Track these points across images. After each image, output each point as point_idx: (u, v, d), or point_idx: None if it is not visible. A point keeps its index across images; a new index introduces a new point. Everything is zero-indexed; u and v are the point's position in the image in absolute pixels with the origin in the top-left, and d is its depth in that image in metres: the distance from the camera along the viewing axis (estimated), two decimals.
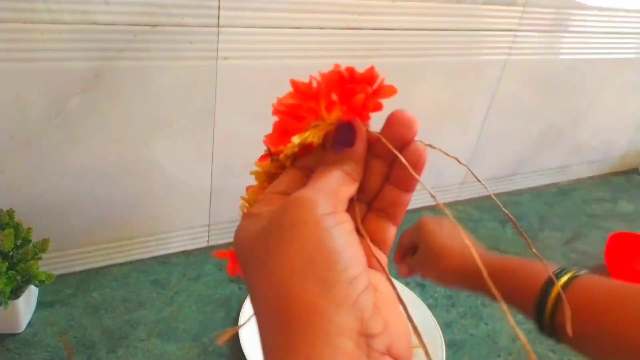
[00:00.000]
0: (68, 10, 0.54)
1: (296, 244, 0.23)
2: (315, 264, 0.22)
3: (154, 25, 0.59)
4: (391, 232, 0.28)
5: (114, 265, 0.74)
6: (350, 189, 0.26)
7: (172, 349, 0.63)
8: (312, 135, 0.27)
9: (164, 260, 0.76)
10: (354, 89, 0.27)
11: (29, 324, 0.63)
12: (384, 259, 0.28)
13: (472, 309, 0.76)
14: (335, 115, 0.27)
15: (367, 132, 0.27)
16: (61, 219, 0.67)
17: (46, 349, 0.60)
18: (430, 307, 0.71)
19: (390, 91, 0.27)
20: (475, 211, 1.01)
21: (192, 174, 0.72)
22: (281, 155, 0.28)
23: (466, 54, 0.84)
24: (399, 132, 0.26)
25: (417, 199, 0.97)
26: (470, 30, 0.82)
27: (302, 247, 0.22)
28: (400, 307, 0.25)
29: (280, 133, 0.29)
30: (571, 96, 1.05)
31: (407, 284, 0.76)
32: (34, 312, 0.64)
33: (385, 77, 0.27)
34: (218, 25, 0.63)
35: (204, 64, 0.64)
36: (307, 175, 0.27)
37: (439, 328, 0.67)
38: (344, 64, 0.28)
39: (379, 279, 0.26)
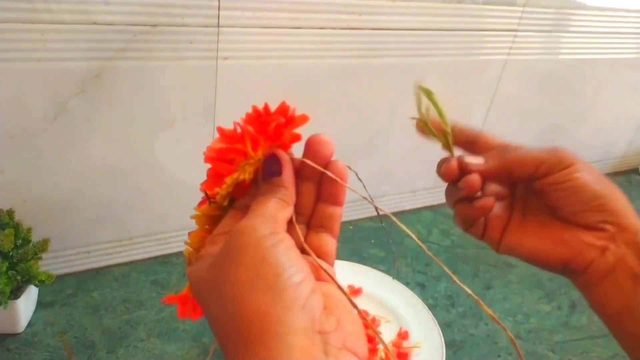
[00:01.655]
0: (68, 10, 0.54)
1: (243, 264, 0.25)
2: (261, 277, 0.24)
3: (154, 25, 0.59)
4: (332, 244, 0.31)
5: (114, 265, 0.74)
6: (286, 212, 0.29)
7: (172, 349, 0.63)
8: (242, 173, 0.30)
9: (164, 260, 0.76)
10: (268, 122, 0.30)
11: (29, 324, 0.63)
12: (331, 269, 0.30)
13: (472, 309, 0.76)
14: (260, 152, 0.30)
15: (292, 159, 0.30)
16: (61, 219, 0.67)
17: (46, 349, 0.60)
18: (430, 307, 0.71)
19: (302, 120, 0.30)
20: None
21: (192, 174, 0.71)
22: (217, 197, 0.31)
23: (466, 54, 0.84)
24: (319, 152, 0.30)
25: (418, 199, 0.97)
26: (470, 30, 0.82)
27: (248, 265, 0.25)
28: (349, 304, 0.27)
29: (215, 177, 0.31)
30: (571, 96, 1.05)
31: (407, 284, 0.76)
32: (34, 312, 0.64)
33: (296, 108, 0.30)
34: (218, 25, 0.63)
35: (204, 64, 0.64)
36: (247, 213, 0.29)
37: (439, 328, 0.67)
38: (344, 64, 0.29)
39: (329, 288, 0.28)
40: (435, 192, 0.98)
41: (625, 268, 0.36)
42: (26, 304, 0.61)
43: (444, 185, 0.41)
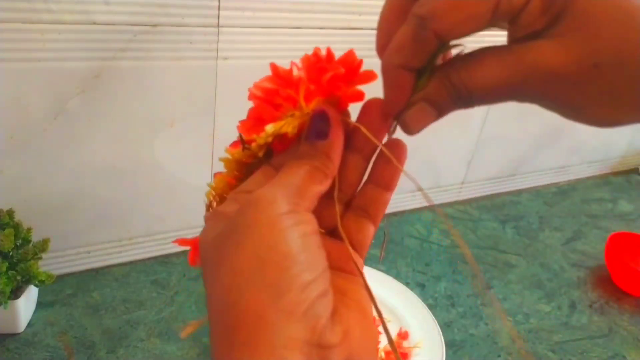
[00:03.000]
0: (68, 10, 0.54)
1: (248, 247, 0.21)
2: (265, 269, 0.20)
3: (154, 25, 0.59)
4: (370, 232, 0.27)
5: (114, 265, 0.74)
6: (320, 186, 0.24)
7: (172, 349, 0.63)
8: (286, 125, 0.25)
9: (164, 260, 0.76)
10: (326, 70, 0.25)
11: (29, 324, 0.63)
12: (360, 262, 0.26)
13: (472, 309, 0.76)
14: (314, 105, 0.25)
15: (345, 121, 0.25)
16: (61, 219, 0.67)
17: (46, 349, 0.60)
18: (430, 307, 0.71)
19: (369, 77, 0.25)
20: (475, 211, 1.01)
21: (192, 174, 0.71)
22: (253, 145, 0.26)
23: None
24: (376, 122, 0.25)
25: (418, 199, 0.97)
26: None
27: (253, 251, 0.21)
28: (375, 313, 0.23)
29: (255, 120, 0.27)
30: None
31: (407, 284, 0.76)
32: (34, 312, 0.64)
33: (363, 61, 0.26)
34: (218, 25, 0.63)
35: (204, 64, 0.64)
36: None
37: (439, 328, 0.67)
38: None
39: (350, 285, 0.24)
40: (435, 192, 0.98)
41: None
42: (26, 304, 0.61)
43: (443, 185, 0.41)
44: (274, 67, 0.27)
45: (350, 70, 0.25)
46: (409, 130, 0.25)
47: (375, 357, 0.23)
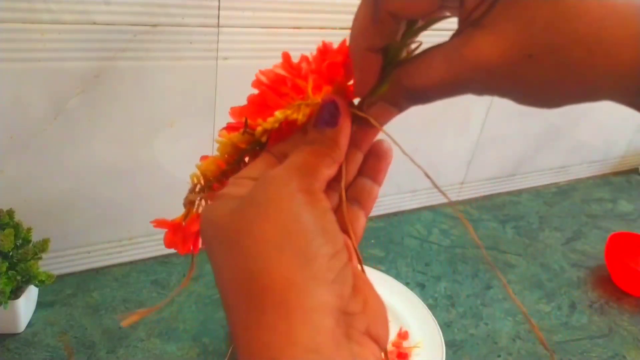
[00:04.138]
0: (68, 10, 0.54)
1: (272, 218, 0.22)
2: (292, 238, 0.21)
3: (154, 25, 0.59)
4: (363, 222, 0.28)
5: (114, 265, 0.74)
6: (330, 171, 0.25)
7: (172, 349, 0.63)
8: (296, 112, 0.26)
9: (164, 260, 0.76)
10: (324, 58, 0.26)
11: (29, 324, 0.63)
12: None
13: (472, 309, 0.76)
14: (323, 95, 0.26)
15: (354, 112, 0.27)
16: (61, 219, 0.67)
17: (46, 349, 0.60)
18: (430, 307, 0.71)
19: None
20: (475, 211, 1.01)
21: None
22: (258, 129, 0.27)
23: None
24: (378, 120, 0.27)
25: (418, 199, 0.97)
26: None
27: (278, 221, 0.22)
28: (374, 288, 0.25)
29: (258, 106, 0.28)
30: None
31: (407, 284, 0.76)
32: (34, 312, 0.64)
33: None
34: (218, 25, 0.63)
35: (204, 64, 0.64)
36: (282, 162, 0.26)
37: (439, 328, 0.67)
38: None
39: (355, 268, 0.25)
40: (435, 192, 0.98)
41: None
42: (26, 304, 0.61)
43: (443, 185, 0.41)
44: (286, 56, 0.28)
45: (347, 56, 0.26)
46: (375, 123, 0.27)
47: (388, 330, 0.24)
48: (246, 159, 0.29)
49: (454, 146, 0.95)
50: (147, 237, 0.74)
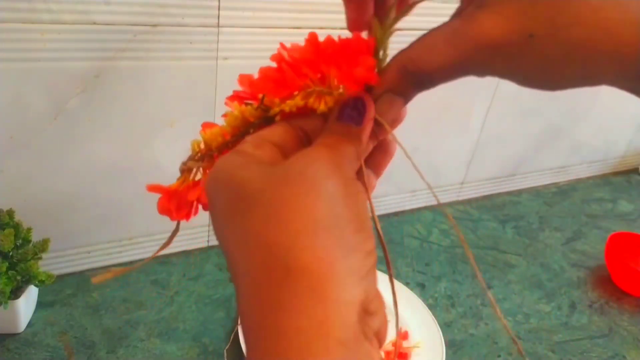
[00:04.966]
0: (68, 10, 0.54)
1: (323, 198, 0.21)
2: (341, 225, 0.21)
3: (154, 25, 0.59)
4: None
5: (114, 265, 0.74)
6: (356, 165, 0.25)
7: (172, 349, 0.63)
8: (319, 102, 0.26)
9: (164, 260, 0.76)
10: (357, 61, 0.26)
11: (29, 324, 0.63)
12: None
13: (472, 309, 0.76)
14: (342, 88, 0.26)
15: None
16: (61, 219, 0.67)
17: (46, 349, 0.60)
18: (430, 307, 0.71)
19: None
20: (475, 211, 1.01)
21: None
22: (275, 109, 0.27)
23: None
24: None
25: (418, 199, 0.97)
26: None
27: (330, 204, 0.21)
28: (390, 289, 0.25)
29: (274, 82, 0.27)
30: (571, 96, 1.05)
31: (407, 284, 0.76)
32: (34, 312, 0.64)
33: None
34: (218, 25, 0.63)
35: (204, 64, 0.64)
36: (299, 136, 0.26)
37: (439, 328, 0.67)
38: None
39: None
40: (435, 192, 0.98)
41: None
42: (26, 304, 0.61)
43: (443, 185, 0.41)
44: (313, 36, 0.27)
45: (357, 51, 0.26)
46: (385, 120, 0.27)
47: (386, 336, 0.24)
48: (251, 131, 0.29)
49: (454, 146, 0.95)
50: (147, 237, 0.74)
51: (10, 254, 0.58)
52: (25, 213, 0.61)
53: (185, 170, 0.30)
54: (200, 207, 0.31)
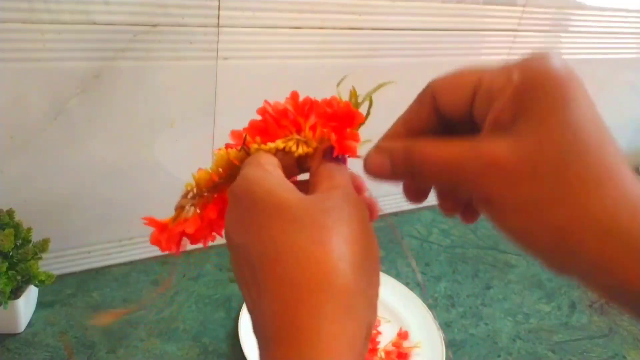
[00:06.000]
0: (68, 10, 0.54)
1: (358, 232, 0.25)
2: (369, 257, 0.26)
3: (154, 25, 0.59)
4: None
5: (114, 265, 0.74)
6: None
7: (172, 349, 0.63)
8: (297, 147, 0.30)
9: (164, 260, 0.76)
10: (338, 121, 0.31)
11: (29, 324, 0.63)
12: None
13: (472, 309, 0.76)
14: (315, 137, 0.30)
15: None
16: (61, 219, 0.67)
17: (46, 349, 0.60)
18: (430, 307, 0.71)
19: (358, 119, 0.32)
20: None
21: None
22: (253, 146, 0.31)
23: (466, 54, 0.84)
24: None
25: None
26: (470, 30, 0.82)
27: (362, 238, 0.25)
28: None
29: (259, 132, 0.32)
30: None
31: (407, 284, 0.76)
32: (34, 312, 0.64)
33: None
34: (218, 25, 0.63)
35: (204, 64, 0.64)
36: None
37: (439, 328, 0.67)
38: (344, 64, 0.29)
39: None
40: (434, 193, 0.98)
41: None
42: (26, 304, 0.61)
43: None
44: (295, 94, 0.32)
45: (340, 115, 0.31)
46: (366, 169, 0.29)
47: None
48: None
49: None
50: (146, 237, 0.74)
51: (10, 254, 0.58)
52: (25, 213, 0.61)
53: (179, 207, 0.34)
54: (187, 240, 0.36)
